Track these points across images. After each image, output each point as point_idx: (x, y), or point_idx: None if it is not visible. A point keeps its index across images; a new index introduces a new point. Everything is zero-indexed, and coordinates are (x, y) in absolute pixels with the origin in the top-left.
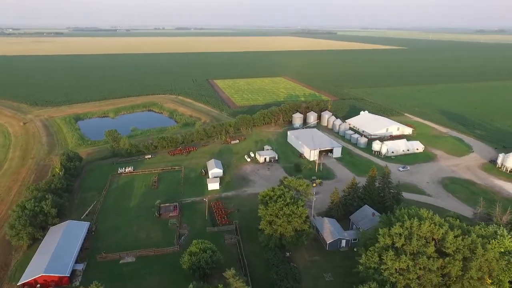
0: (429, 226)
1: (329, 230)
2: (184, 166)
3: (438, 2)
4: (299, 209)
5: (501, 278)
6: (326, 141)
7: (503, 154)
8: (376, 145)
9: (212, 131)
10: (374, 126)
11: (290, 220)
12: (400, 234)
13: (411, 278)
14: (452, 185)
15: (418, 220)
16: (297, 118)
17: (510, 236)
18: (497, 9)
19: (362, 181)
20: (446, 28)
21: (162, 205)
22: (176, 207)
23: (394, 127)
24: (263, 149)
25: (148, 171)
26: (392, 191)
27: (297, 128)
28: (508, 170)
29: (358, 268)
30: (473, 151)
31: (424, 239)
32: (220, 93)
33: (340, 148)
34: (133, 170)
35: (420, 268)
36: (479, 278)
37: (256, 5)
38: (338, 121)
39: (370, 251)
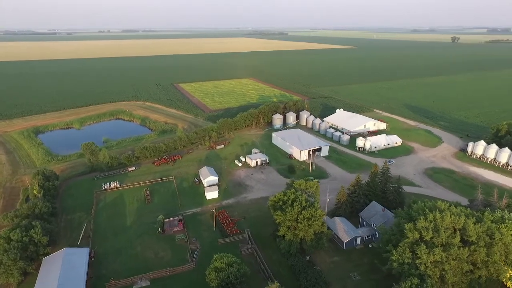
0: (451, 217)
1: (343, 229)
2: (174, 176)
3: (377, 4)
4: (318, 211)
5: None
6: (313, 141)
7: (472, 143)
8: (360, 142)
9: (195, 137)
10: (352, 123)
11: (310, 224)
12: (427, 228)
13: (445, 269)
14: (436, 174)
15: (439, 212)
16: (277, 119)
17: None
18: (428, 10)
19: (351, 177)
20: (385, 28)
21: (165, 220)
22: (181, 221)
23: (371, 123)
24: (251, 153)
25: (136, 184)
26: (392, 185)
27: (278, 129)
28: (478, 157)
29: (392, 265)
30: (443, 142)
31: (449, 230)
32: (189, 97)
33: (328, 147)
34: (119, 184)
35: (453, 259)
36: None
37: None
38: (317, 120)
39: (400, 247)
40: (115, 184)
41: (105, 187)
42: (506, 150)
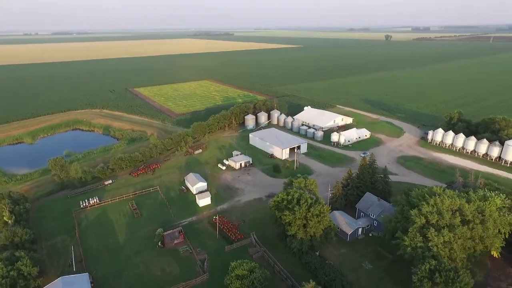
0: (449, 199)
1: (345, 222)
2: (158, 186)
3: (315, 5)
4: (324, 207)
5: (502, 231)
6: (291, 139)
7: (432, 131)
8: (334, 136)
9: (170, 143)
10: (322, 119)
11: (319, 220)
12: (431, 212)
13: (454, 248)
14: (408, 162)
15: (438, 196)
16: (250, 120)
17: (497, 196)
18: (362, 10)
19: (334, 171)
20: (324, 27)
21: (165, 233)
22: (181, 232)
23: (339, 119)
24: (231, 155)
25: (118, 198)
26: (379, 176)
27: (251, 130)
28: (438, 143)
29: (405, 250)
30: (405, 132)
31: (449, 212)
32: (150, 102)
33: (306, 144)
34: (99, 200)
35: (458, 238)
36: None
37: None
38: (289, 119)
39: (411, 232)
40: (95, 200)
41: (84, 204)
42: (461, 135)
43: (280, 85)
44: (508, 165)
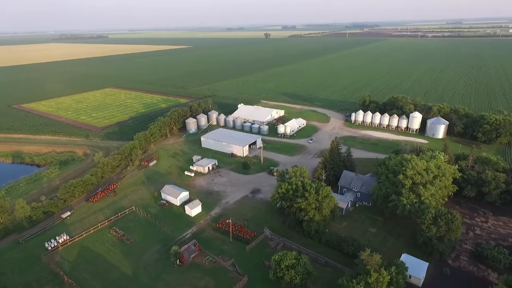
0: (421, 162)
1: (338, 198)
2: (134, 206)
3: (193, 5)
4: (327, 188)
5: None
6: (245, 136)
7: (354, 113)
8: (281, 128)
9: (119, 159)
10: (261, 114)
11: (329, 201)
12: (415, 174)
13: (437, 198)
14: (348, 142)
15: (413, 161)
16: (192, 123)
17: (440, 154)
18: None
19: (295, 159)
20: (202, 27)
21: (182, 249)
22: (196, 244)
23: (275, 112)
24: (191, 161)
25: (93, 229)
26: (344, 155)
27: (195, 133)
28: (359, 122)
29: (404, 208)
30: (330, 117)
31: (424, 171)
32: (55, 118)
33: (260, 139)
34: (70, 237)
35: (438, 189)
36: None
37: None
38: (230, 117)
39: (405, 193)
40: (65, 237)
41: (52, 245)
42: (378, 114)
43: (195, 86)
44: (414, 132)
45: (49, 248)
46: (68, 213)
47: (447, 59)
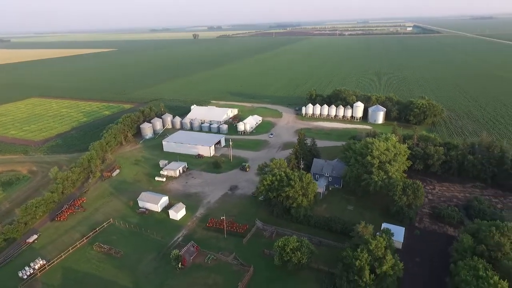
0: (382, 143)
1: None
2: (111, 219)
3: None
4: (308, 175)
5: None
6: (208, 136)
7: (304, 107)
8: (241, 126)
9: (78, 172)
10: (216, 114)
11: (312, 187)
12: (380, 154)
13: (400, 172)
14: (308, 133)
15: (376, 142)
16: (147, 129)
17: (392, 136)
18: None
19: (261, 154)
20: (123, 29)
21: (182, 251)
22: (194, 244)
23: (229, 111)
24: (158, 165)
25: (72, 249)
26: (309, 144)
27: (152, 139)
28: (309, 115)
29: (376, 184)
30: (282, 112)
31: (386, 151)
32: None
33: (224, 137)
34: (47, 261)
35: (400, 164)
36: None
37: None
38: (187, 119)
39: (374, 171)
40: (41, 262)
41: (28, 273)
42: (325, 106)
43: (136, 90)
44: (358, 120)
45: (25, 276)
46: (35, 236)
47: (366, 55)
